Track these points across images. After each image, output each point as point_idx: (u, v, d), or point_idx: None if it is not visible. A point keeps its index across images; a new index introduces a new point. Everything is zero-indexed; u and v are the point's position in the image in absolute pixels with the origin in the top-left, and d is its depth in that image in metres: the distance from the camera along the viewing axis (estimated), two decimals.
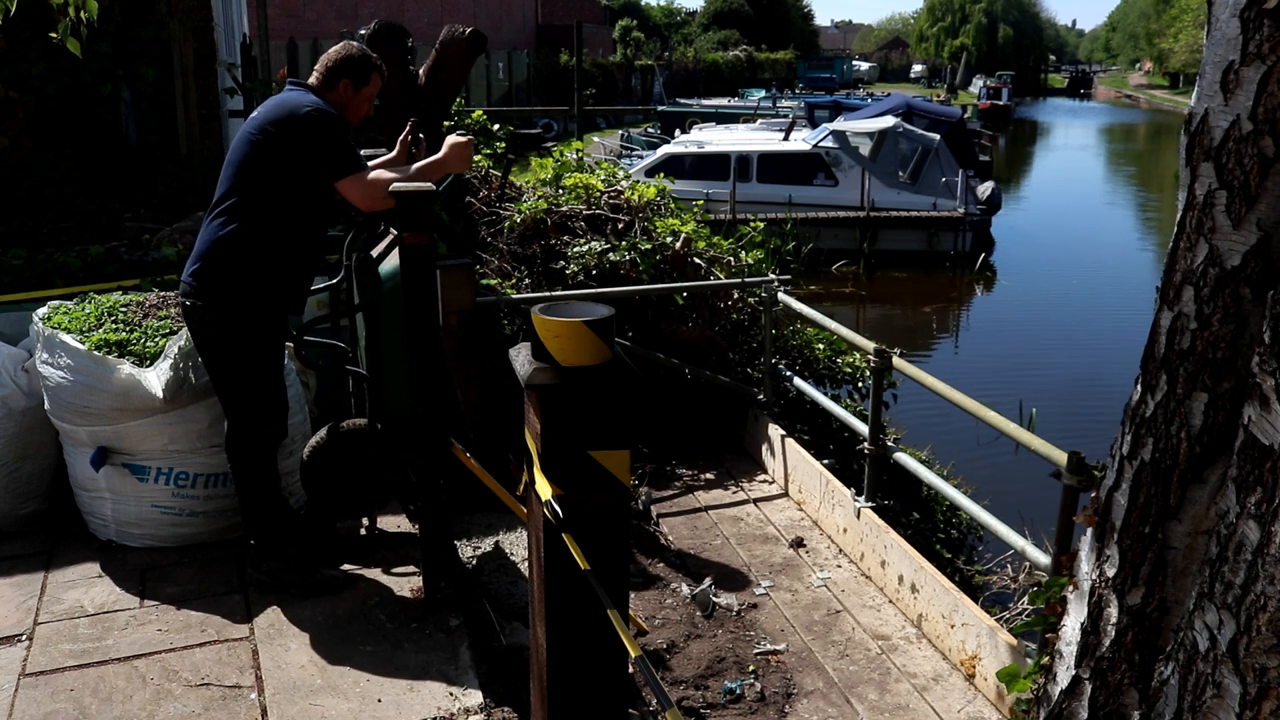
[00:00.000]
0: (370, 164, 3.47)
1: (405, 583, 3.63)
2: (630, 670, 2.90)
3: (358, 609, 3.45)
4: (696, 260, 5.67)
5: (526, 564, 3.55)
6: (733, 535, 4.58)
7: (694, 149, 18.52)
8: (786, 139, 19.09)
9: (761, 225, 9.06)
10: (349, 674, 3.10)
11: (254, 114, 3.40)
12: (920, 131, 18.52)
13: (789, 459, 5.01)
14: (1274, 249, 1.73)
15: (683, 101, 35.80)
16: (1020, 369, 12.56)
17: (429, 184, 3.30)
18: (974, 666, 3.44)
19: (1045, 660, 2.35)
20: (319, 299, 4.27)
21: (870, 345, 4.32)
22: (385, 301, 3.66)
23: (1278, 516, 1.57)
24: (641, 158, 20.11)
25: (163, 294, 4.12)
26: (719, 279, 5.64)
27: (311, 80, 3.45)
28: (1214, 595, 1.71)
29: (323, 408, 4.48)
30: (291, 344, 3.68)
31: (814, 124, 22.32)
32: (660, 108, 32.88)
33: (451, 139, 3.49)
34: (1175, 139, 1.99)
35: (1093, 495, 2.22)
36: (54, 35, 3.83)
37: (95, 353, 3.63)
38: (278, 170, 3.28)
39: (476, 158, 5.99)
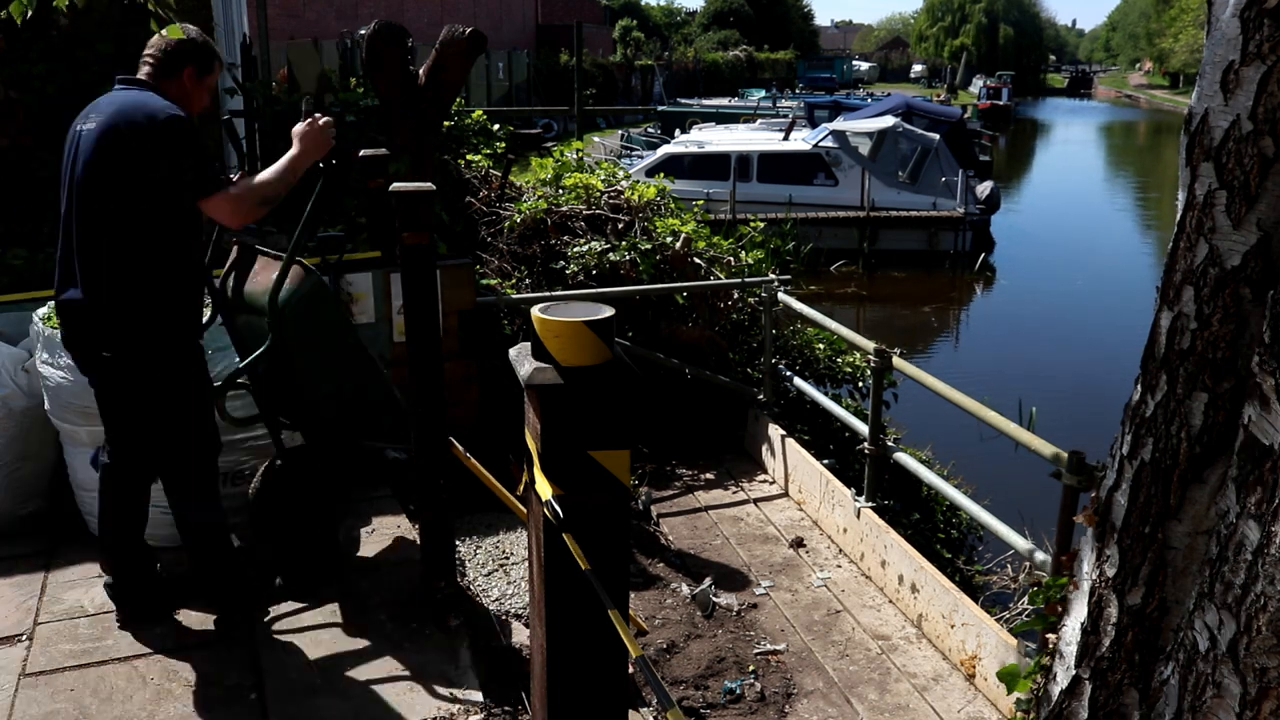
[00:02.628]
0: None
1: (405, 583, 3.63)
2: (630, 670, 2.90)
3: (358, 609, 3.45)
4: (696, 260, 5.67)
5: (526, 564, 3.55)
6: (733, 535, 4.58)
7: (694, 149, 18.53)
8: (786, 139, 19.10)
9: (761, 225, 9.05)
10: (349, 674, 3.10)
11: (88, 123, 2.96)
12: (920, 131, 18.54)
13: (789, 459, 5.01)
14: (1274, 249, 1.73)
15: (683, 101, 35.79)
16: (1020, 369, 12.55)
17: (428, 184, 3.29)
18: (974, 666, 3.44)
19: (1045, 660, 2.35)
20: None
21: (870, 345, 4.32)
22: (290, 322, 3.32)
23: (1278, 516, 1.57)
24: (641, 158, 20.11)
25: None
26: (719, 279, 5.64)
27: (143, 73, 3.04)
28: (1214, 595, 1.71)
29: None
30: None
31: (814, 124, 22.33)
32: (660, 108, 32.87)
33: (298, 127, 3.09)
34: (1175, 137, 1.99)
35: (1093, 495, 2.22)
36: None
37: None
38: (139, 188, 2.87)
39: (477, 158, 5.99)
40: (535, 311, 2.15)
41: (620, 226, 5.68)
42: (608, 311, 2.16)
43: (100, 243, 2.92)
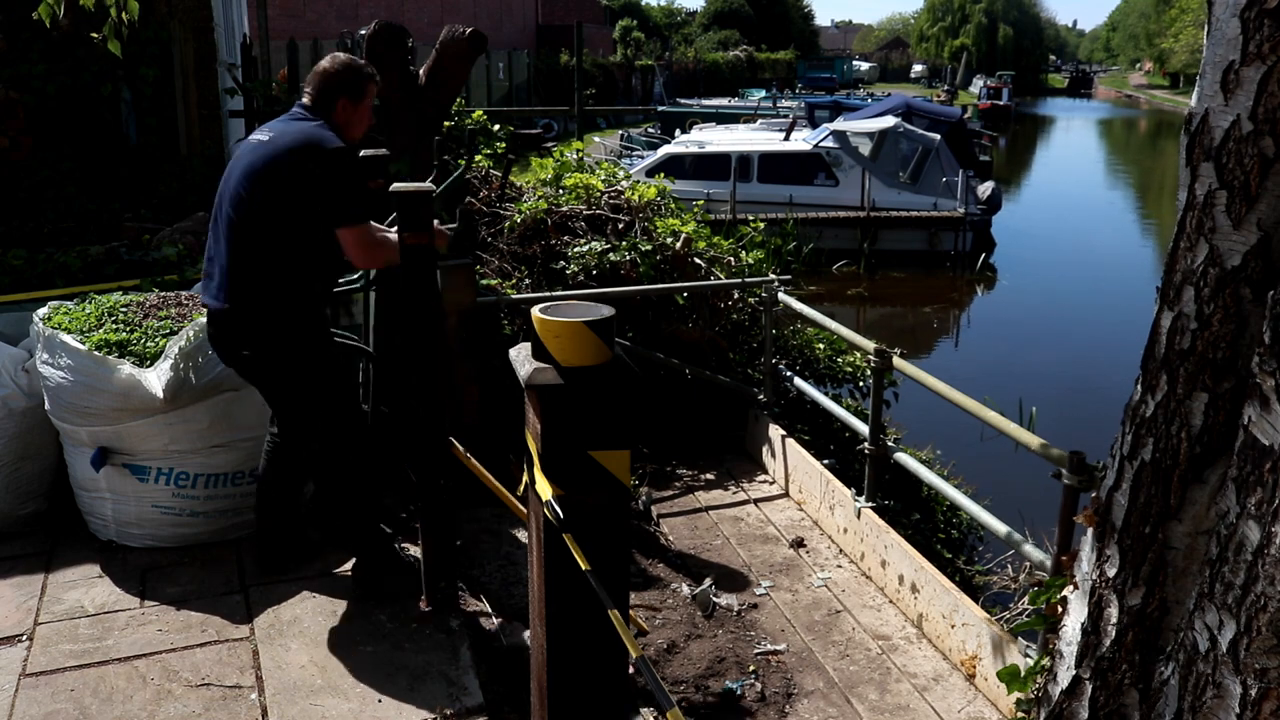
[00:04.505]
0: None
1: (405, 583, 3.62)
2: (630, 670, 2.90)
3: (358, 609, 3.45)
4: (697, 260, 5.67)
5: (527, 564, 3.55)
6: (733, 535, 4.58)
7: (694, 149, 18.52)
8: (787, 139, 19.09)
9: (762, 225, 9.06)
10: (349, 674, 3.10)
11: (260, 139, 3.27)
12: (920, 131, 18.53)
13: (789, 459, 5.01)
14: (1274, 249, 1.73)
15: (683, 101, 35.76)
16: (1020, 369, 12.56)
17: (429, 184, 3.30)
18: (974, 666, 3.44)
19: (1045, 660, 2.35)
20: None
21: (870, 345, 4.32)
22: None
23: (1278, 517, 1.57)
24: (642, 158, 20.10)
25: (163, 294, 4.11)
26: (719, 279, 5.64)
27: (306, 102, 3.32)
28: (1214, 595, 1.71)
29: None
30: None
31: (814, 124, 22.33)
32: (660, 108, 32.84)
33: (438, 227, 3.39)
34: (1175, 137, 1.99)
35: (1093, 495, 2.22)
36: (95, 36, 3.91)
37: (95, 353, 3.63)
38: (295, 203, 3.18)
39: (477, 158, 5.99)
40: (535, 312, 2.15)
41: (620, 227, 5.68)
42: (608, 311, 2.16)
43: (244, 253, 3.21)
